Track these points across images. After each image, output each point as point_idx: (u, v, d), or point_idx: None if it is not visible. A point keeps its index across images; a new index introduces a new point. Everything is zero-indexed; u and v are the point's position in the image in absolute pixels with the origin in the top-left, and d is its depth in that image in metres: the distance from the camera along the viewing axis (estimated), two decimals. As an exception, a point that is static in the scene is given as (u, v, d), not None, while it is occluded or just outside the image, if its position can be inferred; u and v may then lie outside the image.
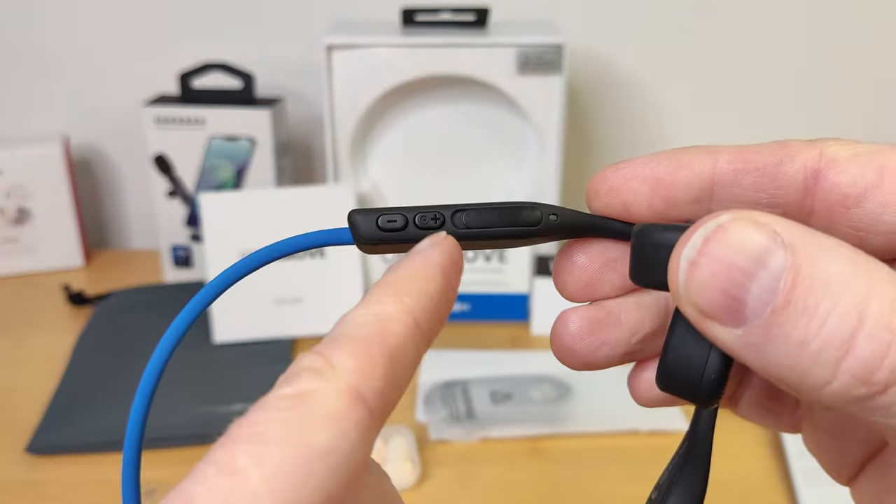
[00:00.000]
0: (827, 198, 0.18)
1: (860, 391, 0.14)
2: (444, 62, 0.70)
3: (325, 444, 0.14)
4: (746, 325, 0.15)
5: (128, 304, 0.76)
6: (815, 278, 0.14)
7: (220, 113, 0.78)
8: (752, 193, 0.19)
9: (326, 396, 0.14)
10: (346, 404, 0.14)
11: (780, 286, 0.14)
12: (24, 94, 0.88)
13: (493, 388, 0.64)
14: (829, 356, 0.14)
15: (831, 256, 0.14)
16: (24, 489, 0.54)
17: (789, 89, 0.87)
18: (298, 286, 0.72)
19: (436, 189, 0.76)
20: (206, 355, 0.68)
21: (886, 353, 0.14)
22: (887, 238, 0.18)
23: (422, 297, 0.17)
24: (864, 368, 0.14)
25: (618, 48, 0.85)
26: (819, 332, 0.14)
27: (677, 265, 0.15)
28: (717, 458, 0.17)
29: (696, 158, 0.19)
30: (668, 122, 0.88)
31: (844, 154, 0.18)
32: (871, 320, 0.14)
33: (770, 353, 0.15)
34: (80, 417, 0.60)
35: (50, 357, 0.69)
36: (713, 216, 0.15)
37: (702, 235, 0.15)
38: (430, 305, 0.17)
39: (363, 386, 0.15)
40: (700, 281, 0.15)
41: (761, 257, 0.14)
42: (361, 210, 0.19)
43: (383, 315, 0.16)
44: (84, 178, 0.91)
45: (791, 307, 0.14)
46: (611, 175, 0.20)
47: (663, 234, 0.17)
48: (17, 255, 0.84)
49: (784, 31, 0.84)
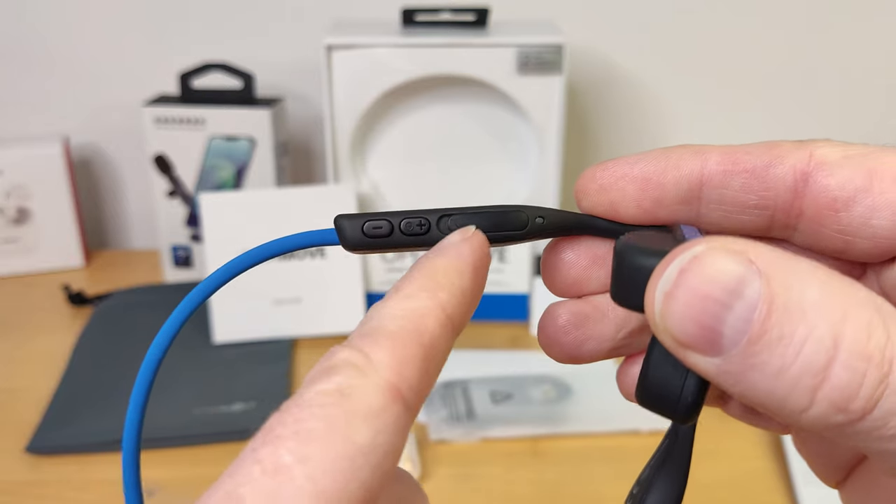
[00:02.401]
0: (816, 200, 0.18)
1: (838, 418, 0.14)
2: (444, 62, 0.70)
3: (367, 441, 0.14)
4: (724, 355, 0.14)
5: (128, 304, 0.76)
6: (791, 306, 0.14)
7: (220, 113, 0.78)
8: (740, 195, 0.19)
9: (366, 393, 0.14)
10: (385, 400, 0.14)
11: (756, 316, 0.14)
12: (24, 94, 0.88)
13: (493, 388, 0.64)
14: (805, 384, 0.14)
15: (806, 283, 0.14)
16: (24, 489, 0.54)
17: (789, 89, 0.87)
18: (298, 286, 0.72)
19: (435, 189, 0.76)
20: (206, 355, 0.68)
21: (862, 382, 0.14)
22: (874, 242, 0.17)
23: (455, 292, 0.17)
24: (840, 397, 0.14)
25: (618, 48, 0.85)
26: (795, 361, 0.14)
27: (653, 297, 0.15)
28: (716, 458, 0.17)
29: (685, 159, 0.19)
30: (668, 122, 0.88)
31: (834, 157, 0.18)
32: (847, 348, 0.14)
33: (748, 380, 0.14)
34: (80, 417, 0.60)
35: (50, 357, 0.69)
36: (688, 245, 0.15)
37: (677, 267, 0.15)
38: (463, 301, 0.17)
39: (401, 382, 0.15)
40: (676, 313, 0.15)
41: (736, 288, 0.14)
42: (348, 215, 0.19)
43: (418, 310, 0.16)
44: (84, 178, 0.91)
45: (767, 336, 0.14)
46: (600, 174, 0.20)
47: (641, 258, 0.17)
48: (17, 255, 0.84)
49: (784, 30, 0.84)
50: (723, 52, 0.85)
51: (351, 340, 0.15)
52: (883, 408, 0.14)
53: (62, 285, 0.80)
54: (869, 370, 0.14)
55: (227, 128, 0.78)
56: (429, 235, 0.19)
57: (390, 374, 0.15)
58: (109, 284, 0.81)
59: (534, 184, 0.74)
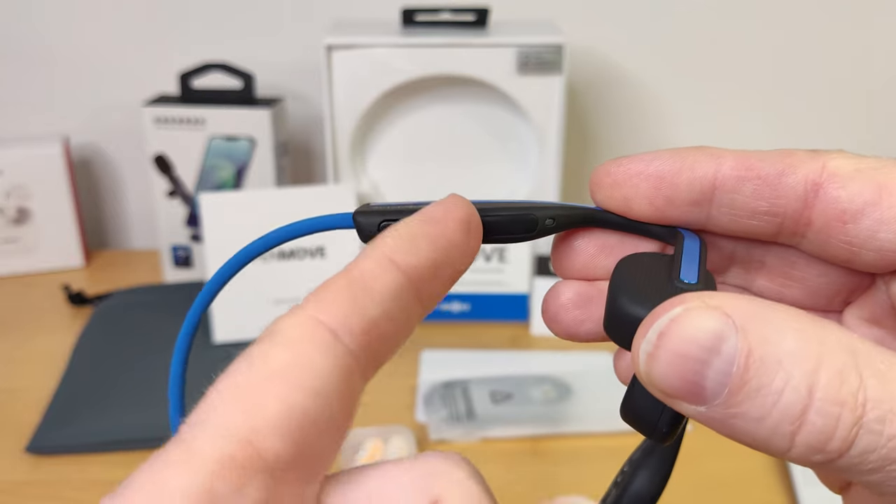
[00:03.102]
0: (825, 211, 0.18)
1: (817, 458, 0.15)
2: (444, 62, 0.70)
3: (283, 364, 0.15)
4: (707, 405, 0.15)
5: (128, 304, 0.76)
6: (767, 358, 0.15)
7: (220, 113, 0.78)
8: (751, 201, 0.19)
9: (285, 325, 0.16)
10: (305, 329, 0.15)
11: (734, 370, 0.15)
12: (24, 94, 0.88)
13: (493, 388, 0.64)
14: (784, 430, 0.15)
15: (782, 333, 0.15)
16: (24, 489, 0.55)
17: (789, 89, 0.87)
18: (298, 286, 0.72)
19: (435, 189, 0.76)
20: (206, 355, 0.68)
21: (836, 426, 0.15)
22: (881, 254, 0.18)
23: (403, 237, 0.17)
24: (817, 440, 0.15)
25: (618, 48, 0.85)
26: (774, 409, 0.15)
27: (637, 356, 0.16)
28: (716, 457, 0.18)
29: (700, 161, 0.19)
30: (667, 122, 0.88)
31: (846, 169, 0.18)
32: (821, 395, 0.15)
33: (732, 426, 0.15)
34: (80, 417, 0.60)
35: (50, 357, 0.69)
36: (668, 306, 0.16)
37: (656, 330, 0.16)
38: (414, 248, 0.17)
39: (322, 313, 0.16)
40: (659, 371, 0.16)
41: (714, 345, 0.15)
42: (364, 212, 0.19)
43: (359, 258, 0.17)
44: (84, 178, 0.91)
45: (746, 388, 0.15)
46: (615, 169, 0.20)
47: (629, 308, 0.18)
48: (17, 255, 0.84)
49: (784, 31, 0.84)
50: (723, 52, 0.85)
51: None
52: (858, 447, 0.15)
53: (62, 285, 0.80)
54: (843, 414, 0.15)
55: (227, 128, 0.78)
56: None
57: (311, 308, 0.16)
58: (109, 284, 0.81)
59: (534, 183, 0.74)
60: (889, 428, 0.15)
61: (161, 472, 0.14)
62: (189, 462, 0.14)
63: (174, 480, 0.13)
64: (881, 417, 0.15)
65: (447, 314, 0.76)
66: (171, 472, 0.14)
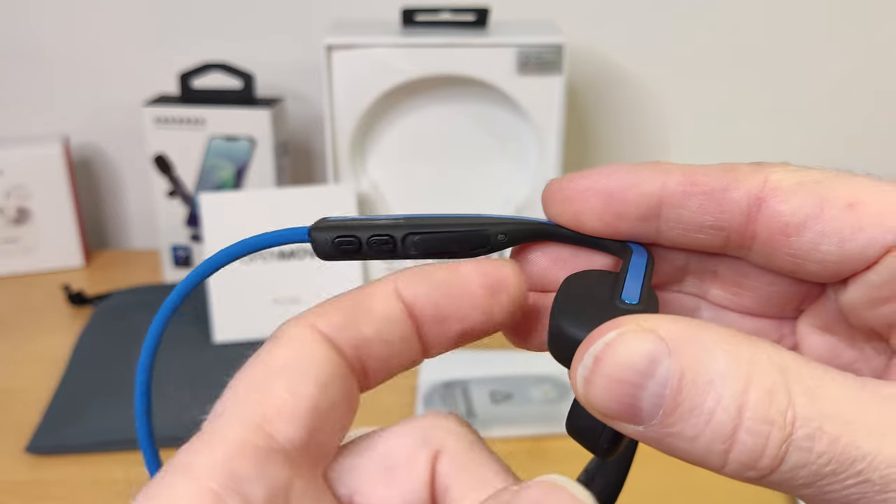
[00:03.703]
0: (768, 225, 0.18)
1: (750, 474, 0.16)
2: (444, 62, 0.70)
3: (287, 359, 0.17)
4: (644, 425, 0.16)
5: (128, 304, 0.76)
6: (698, 379, 0.15)
7: (220, 113, 0.78)
8: (697, 215, 0.19)
9: (288, 329, 0.17)
10: (304, 332, 0.17)
11: (668, 392, 0.15)
12: (24, 94, 0.88)
13: (493, 388, 0.64)
14: (717, 448, 0.15)
15: (713, 354, 0.16)
16: (24, 489, 0.54)
17: (788, 90, 0.87)
18: (297, 286, 0.72)
19: (435, 189, 0.76)
20: (206, 355, 0.68)
21: (766, 444, 0.15)
22: (823, 266, 0.18)
23: (416, 273, 0.18)
24: (748, 458, 0.15)
25: (618, 48, 0.85)
26: (706, 429, 0.15)
27: (575, 380, 0.17)
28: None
29: (648, 177, 0.20)
30: (667, 122, 0.88)
31: (788, 183, 0.18)
32: (750, 414, 0.15)
33: (668, 444, 0.16)
34: (80, 417, 0.60)
35: (50, 357, 0.69)
36: (603, 330, 0.16)
37: (592, 356, 0.16)
38: (423, 286, 0.18)
39: (320, 322, 0.17)
40: (595, 395, 0.16)
41: (647, 369, 0.15)
42: (322, 227, 0.20)
43: (369, 282, 0.18)
44: (84, 178, 0.91)
45: (680, 409, 0.15)
46: (566, 185, 0.20)
47: (569, 329, 0.18)
48: (17, 255, 0.84)
49: (784, 31, 0.84)
50: (723, 52, 0.85)
51: None
52: (788, 463, 0.15)
53: (62, 285, 0.80)
54: (772, 433, 0.15)
55: (227, 128, 0.78)
56: (395, 253, 0.20)
57: (310, 317, 0.17)
58: (109, 284, 0.81)
59: (534, 184, 0.74)
60: (818, 444, 0.15)
61: (186, 457, 0.15)
62: (211, 447, 0.15)
63: (199, 461, 0.15)
64: (810, 434, 0.15)
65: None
66: (195, 457, 0.15)
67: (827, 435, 0.15)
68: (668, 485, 0.52)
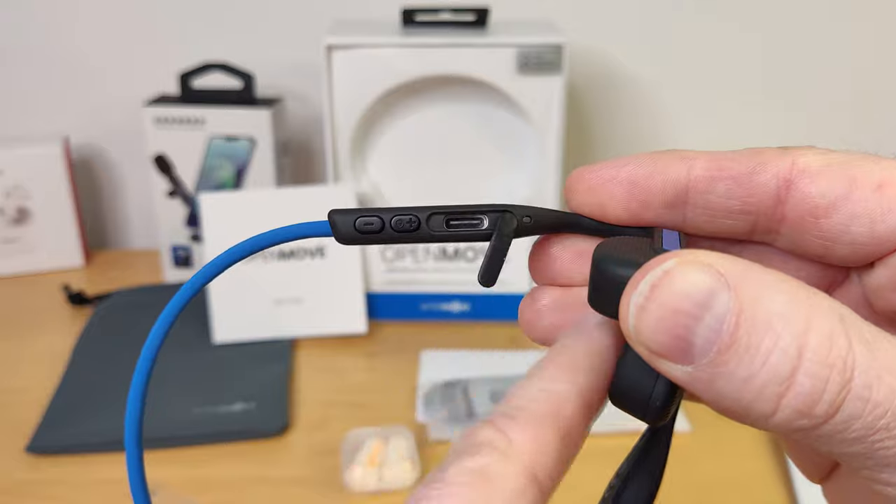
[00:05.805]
0: (797, 207, 0.18)
1: (802, 423, 0.15)
2: (444, 62, 0.70)
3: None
4: (695, 364, 0.15)
5: (128, 304, 0.77)
6: (757, 317, 0.15)
7: (220, 113, 0.78)
8: (724, 200, 0.19)
9: (507, 478, 0.15)
10: (523, 485, 0.15)
11: (724, 327, 0.15)
12: (24, 94, 0.88)
13: (493, 388, 0.64)
14: (771, 392, 0.15)
15: (773, 294, 0.15)
16: (24, 489, 0.54)
17: (788, 90, 0.87)
18: (298, 286, 0.72)
19: (435, 189, 0.76)
20: (206, 355, 0.68)
21: (825, 388, 0.15)
22: (853, 248, 0.18)
23: (592, 376, 0.17)
24: (804, 403, 0.15)
25: (618, 48, 0.85)
26: (762, 370, 0.15)
27: (627, 310, 0.16)
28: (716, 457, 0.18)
29: (672, 164, 0.19)
30: (667, 121, 0.88)
31: (816, 164, 0.18)
32: (810, 356, 0.15)
33: (717, 387, 0.15)
34: (80, 417, 0.60)
35: (50, 357, 0.69)
36: (660, 260, 0.16)
37: (648, 282, 0.16)
38: (601, 384, 0.18)
39: (538, 466, 0.16)
40: (648, 326, 0.15)
41: (706, 301, 0.15)
42: (341, 211, 0.20)
43: (557, 394, 0.17)
44: (84, 178, 0.91)
45: (735, 346, 0.15)
46: (588, 175, 0.20)
47: (616, 269, 0.17)
48: (17, 255, 0.84)
49: (784, 32, 0.84)
50: (722, 52, 0.85)
51: (494, 419, 0.16)
52: (845, 412, 0.15)
53: (62, 285, 0.80)
54: (831, 377, 0.14)
55: (227, 128, 0.78)
56: (418, 232, 0.20)
57: (528, 459, 0.15)
58: (109, 284, 0.81)
59: (534, 184, 0.74)
60: (875, 394, 0.14)
61: None
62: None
63: None
64: (868, 384, 0.14)
65: (447, 314, 0.76)
66: None
67: (886, 385, 0.15)
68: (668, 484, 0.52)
